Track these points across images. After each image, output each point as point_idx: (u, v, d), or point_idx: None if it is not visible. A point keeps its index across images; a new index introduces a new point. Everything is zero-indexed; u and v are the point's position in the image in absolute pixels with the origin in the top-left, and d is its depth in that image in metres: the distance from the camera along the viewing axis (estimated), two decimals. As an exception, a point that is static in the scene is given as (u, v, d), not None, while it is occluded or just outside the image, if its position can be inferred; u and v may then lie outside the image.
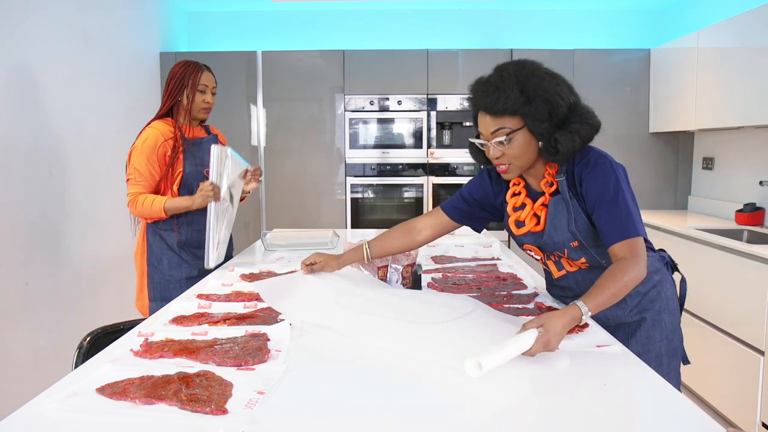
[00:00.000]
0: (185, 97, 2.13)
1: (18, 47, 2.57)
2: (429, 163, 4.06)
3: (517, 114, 1.34)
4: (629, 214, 1.33)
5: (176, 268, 2.15)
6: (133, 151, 2.11)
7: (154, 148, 2.07)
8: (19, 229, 2.56)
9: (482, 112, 1.38)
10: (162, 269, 2.16)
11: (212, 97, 2.19)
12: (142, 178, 2.07)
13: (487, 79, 1.38)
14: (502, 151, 1.38)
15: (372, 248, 1.67)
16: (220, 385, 1.02)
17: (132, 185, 2.08)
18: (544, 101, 1.32)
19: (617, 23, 4.40)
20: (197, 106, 2.15)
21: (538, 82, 1.33)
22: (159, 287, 2.15)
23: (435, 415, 0.95)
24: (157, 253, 2.16)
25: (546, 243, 1.47)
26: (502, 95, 1.32)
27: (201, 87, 2.14)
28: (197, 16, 4.50)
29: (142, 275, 2.20)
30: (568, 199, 1.41)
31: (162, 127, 2.12)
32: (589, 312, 1.21)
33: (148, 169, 2.07)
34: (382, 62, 4.01)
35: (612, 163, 1.38)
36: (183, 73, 2.13)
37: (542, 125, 1.34)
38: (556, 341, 1.16)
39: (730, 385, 2.66)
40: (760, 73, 2.83)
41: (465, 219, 1.65)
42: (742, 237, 3.09)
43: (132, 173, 2.09)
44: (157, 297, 2.13)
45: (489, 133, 1.38)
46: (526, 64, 1.37)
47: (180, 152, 2.11)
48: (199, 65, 2.16)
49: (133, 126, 3.63)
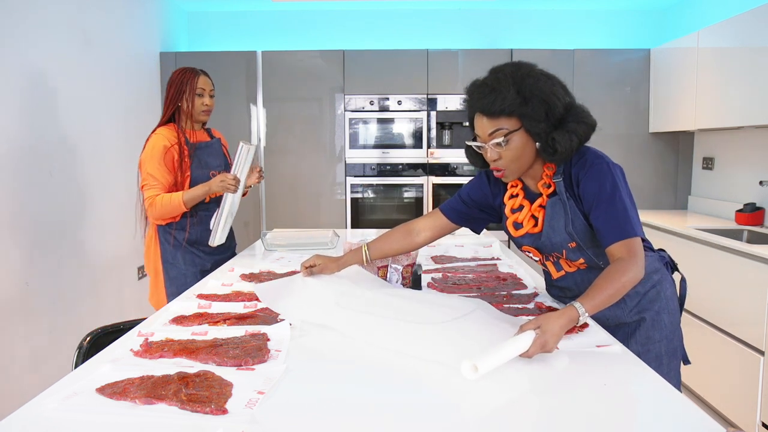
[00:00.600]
0: (185, 102, 2.22)
1: (18, 47, 2.57)
2: (429, 163, 4.06)
3: (513, 115, 1.34)
4: (627, 215, 1.33)
5: (191, 263, 2.27)
6: (143, 159, 2.19)
7: (162, 154, 2.15)
8: (19, 228, 2.56)
9: (479, 114, 1.38)
10: (177, 264, 2.26)
11: (210, 99, 2.27)
12: (157, 182, 2.15)
13: (483, 80, 1.38)
14: (499, 153, 1.37)
15: (371, 250, 1.68)
16: (220, 385, 1.02)
17: (148, 190, 2.16)
18: (540, 101, 1.32)
19: (617, 23, 4.40)
20: (197, 110, 2.23)
21: (533, 83, 1.33)
22: (176, 282, 2.25)
23: (435, 415, 0.95)
24: (170, 251, 2.25)
25: (544, 244, 1.47)
26: (498, 96, 1.32)
27: (199, 91, 2.22)
28: (197, 16, 4.50)
29: (157, 274, 2.29)
30: (566, 200, 1.41)
31: (167, 132, 2.20)
32: (586, 313, 1.21)
33: (161, 172, 2.15)
34: (382, 62, 4.01)
35: (609, 164, 1.38)
36: (180, 79, 2.22)
37: (539, 125, 1.34)
38: (553, 343, 1.15)
39: (730, 385, 2.66)
40: (760, 73, 2.83)
41: (464, 221, 1.65)
42: (742, 237, 3.09)
43: (146, 179, 2.16)
44: (175, 291, 2.21)
45: (486, 135, 1.37)
46: (521, 66, 1.37)
47: (186, 156, 2.20)
48: (195, 70, 2.24)
49: (133, 126, 3.64)
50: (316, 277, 1.69)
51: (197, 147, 2.24)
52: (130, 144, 3.63)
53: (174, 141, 2.18)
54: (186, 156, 2.19)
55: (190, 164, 2.20)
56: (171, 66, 4.02)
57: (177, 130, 2.21)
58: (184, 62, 4.02)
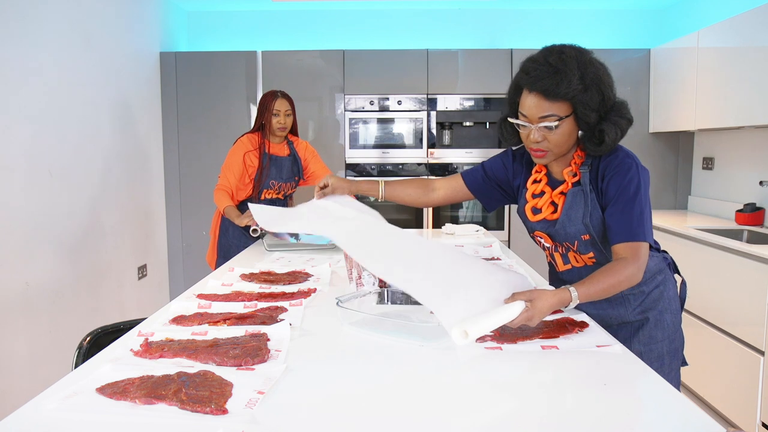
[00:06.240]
0: (265, 119, 2.71)
1: (18, 47, 2.57)
2: (429, 162, 4.06)
3: (570, 101, 1.31)
4: (642, 219, 1.33)
5: (238, 237, 2.78)
6: (228, 154, 2.73)
7: (240, 155, 2.69)
8: (19, 228, 2.56)
9: (536, 94, 1.32)
10: (228, 237, 2.80)
11: (286, 118, 2.72)
12: (225, 178, 2.70)
13: (545, 58, 1.32)
14: (544, 136, 1.35)
15: (386, 188, 1.67)
16: (220, 385, 1.01)
17: (219, 179, 2.73)
18: (597, 91, 1.31)
19: (617, 23, 4.40)
20: (273, 127, 2.71)
21: (595, 71, 1.31)
22: (223, 249, 2.81)
23: (435, 415, 0.95)
24: (226, 223, 2.78)
25: (558, 232, 1.45)
26: (564, 79, 1.28)
27: (275, 111, 2.70)
28: (197, 15, 4.50)
29: (215, 237, 2.85)
30: (588, 192, 1.40)
31: (250, 138, 2.74)
32: (577, 299, 1.24)
33: (231, 170, 2.69)
34: (382, 62, 4.01)
35: (638, 165, 1.37)
36: (263, 100, 2.73)
37: (591, 115, 1.32)
38: (538, 319, 1.20)
39: (730, 385, 2.66)
40: (760, 73, 2.83)
41: (479, 192, 1.64)
42: (742, 237, 3.09)
43: (222, 170, 2.74)
44: (221, 255, 2.78)
45: (537, 117, 1.33)
46: (583, 50, 1.34)
47: (259, 165, 2.71)
48: (274, 93, 2.72)
49: (132, 126, 3.64)
50: (324, 204, 1.63)
51: (271, 158, 2.73)
52: (130, 144, 3.63)
53: (253, 147, 2.71)
54: (259, 165, 2.70)
55: (261, 170, 2.71)
56: (171, 66, 4.03)
57: (260, 138, 2.72)
58: (184, 62, 4.03)
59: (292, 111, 2.73)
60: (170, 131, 4.08)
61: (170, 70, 4.04)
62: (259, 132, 2.74)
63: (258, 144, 2.72)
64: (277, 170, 2.76)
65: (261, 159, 2.70)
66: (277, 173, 2.76)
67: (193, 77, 4.04)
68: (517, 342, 1.25)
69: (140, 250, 3.77)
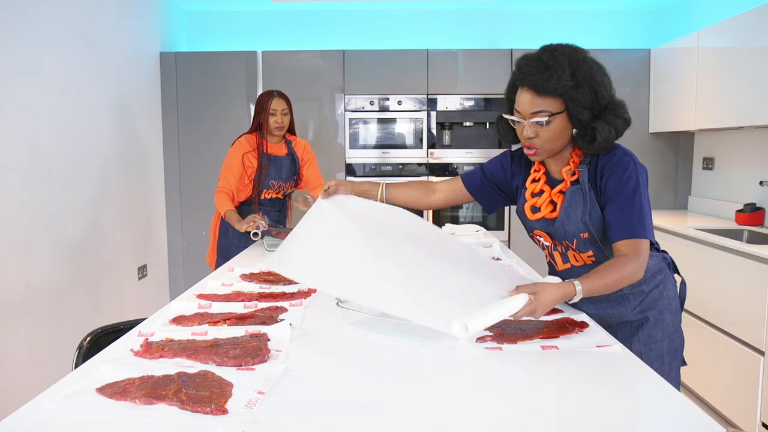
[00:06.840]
0: (262, 119, 2.69)
1: (18, 47, 2.57)
2: (429, 163, 4.06)
3: (561, 97, 1.32)
4: (642, 216, 1.33)
5: (238, 238, 2.76)
6: (227, 155, 2.72)
7: (239, 156, 2.68)
8: (19, 228, 2.56)
9: (527, 89, 1.34)
10: (228, 237, 2.80)
11: (283, 117, 2.69)
12: (224, 176, 2.70)
13: (537, 55, 1.35)
14: (536, 132, 1.36)
15: (387, 190, 1.69)
16: (220, 385, 1.02)
17: (219, 181, 2.73)
18: (590, 88, 1.32)
19: (617, 23, 4.40)
20: (270, 127, 2.70)
21: (588, 69, 1.32)
22: (224, 249, 2.82)
23: (435, 414, 0.95)
24: (226, 224, 2.76)
25: (557, 230, 1.46)
26: (553, 74, 1.30)
27: (271, 111, 2.68)
28: (197, 15, 4.50)
29: (215, 238, 2.86)
30: (587, 190, 1.41)
31: (248, 138, 2.72)
32: (581, 293, 1.24)
33: (231, 171, 2.69)
34: (382, 62, 4.01)
35: (636, 163, 1.39)
36: (260, 100, 2.71)
37: (583, 112, 1.33)
38: (541, 312, 1.20)
39: (730, 385, 2.66)
40: (760, 73, 2.83)
41: (479, 194, 1.65)
42: (742, 237, 3.09)
43: (221, 171, 2.73)
44: (221, 255, 2.80)
45: (528, 112, 1.35)
46: (577, 49, 1.36)
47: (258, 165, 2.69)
48: (271, 93, 2.70)
49: (132, 126, 3.64)
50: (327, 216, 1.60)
51: (270, 158, 2.72)
52: (130, 144, 3.63)
53: (251, 148, 2.70)
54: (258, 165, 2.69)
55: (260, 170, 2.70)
56: (171, 66, 4.03)
57: (258, 138, 2.71)
58: (184, 62, 4.03)
59: (289, 110, 2.72)
60: (170, 131, 4.08)
61: (170, 70, 4.04)
62: (256, 132, 2.73)
63: (256, 144, 2.71)
64: (277, 170, 2.76)
65: (260, 159, 2.70)
66: (276, 173, 2.76)
67: (193, 77, 4.04)
68: (517, 342, 1.25)
69: (140, 250, 3.77)
